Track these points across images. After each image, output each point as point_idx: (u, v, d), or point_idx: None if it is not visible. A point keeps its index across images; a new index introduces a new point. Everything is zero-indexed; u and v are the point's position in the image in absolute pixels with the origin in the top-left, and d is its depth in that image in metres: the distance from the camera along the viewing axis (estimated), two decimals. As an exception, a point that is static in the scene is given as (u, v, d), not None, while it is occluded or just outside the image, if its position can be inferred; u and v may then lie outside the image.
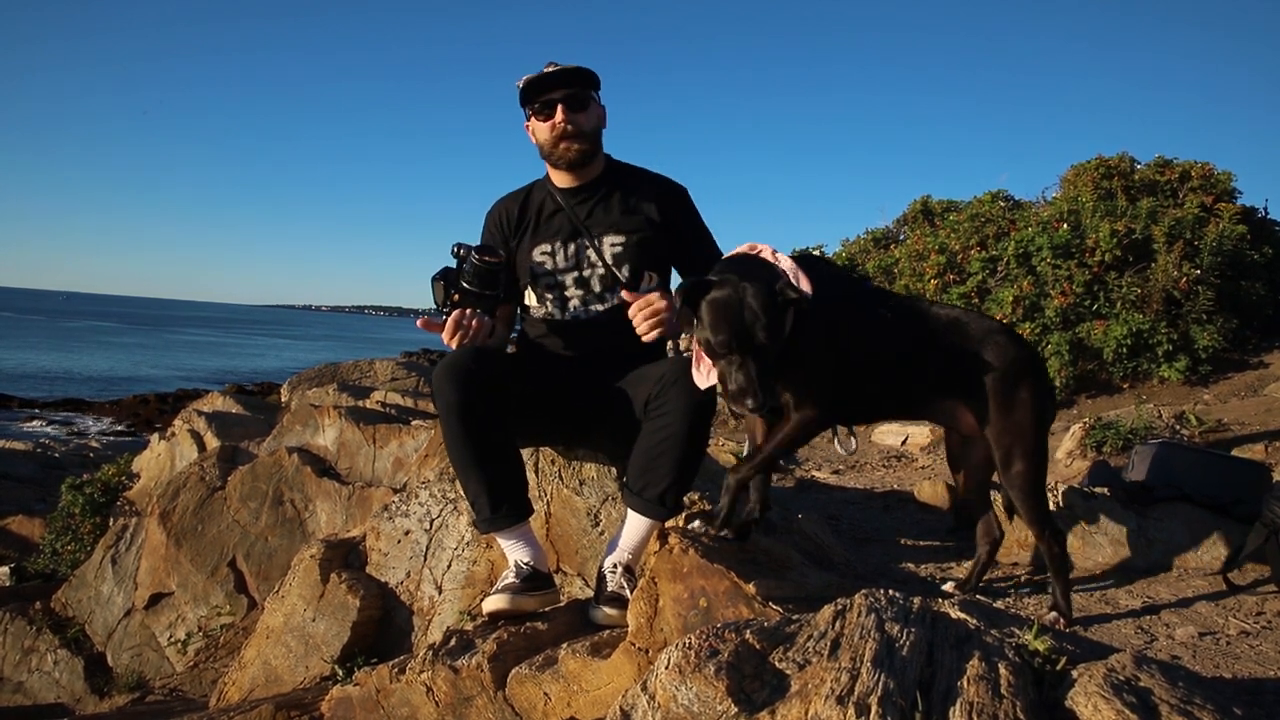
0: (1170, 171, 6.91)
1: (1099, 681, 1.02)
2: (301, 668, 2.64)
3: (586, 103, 2.09)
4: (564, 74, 2.06)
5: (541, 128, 2.10)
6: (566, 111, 2.06)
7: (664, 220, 2.14)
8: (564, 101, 2.06)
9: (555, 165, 2.14)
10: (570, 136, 2.07)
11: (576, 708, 1.64)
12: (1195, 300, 5.52)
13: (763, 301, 1.55)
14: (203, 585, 3.99)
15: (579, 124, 2.08)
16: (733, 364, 1.56)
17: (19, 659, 4.32)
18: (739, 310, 1.55)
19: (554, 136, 2.08)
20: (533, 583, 1.93)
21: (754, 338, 1.54)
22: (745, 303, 1.55)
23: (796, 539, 2.25)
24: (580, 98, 2.08)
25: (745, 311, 1.55)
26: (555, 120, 2.07)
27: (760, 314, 1.54)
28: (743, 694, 1.03)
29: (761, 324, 1.54)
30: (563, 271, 2.14)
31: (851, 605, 1.21)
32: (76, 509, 5.17)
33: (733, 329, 1.55)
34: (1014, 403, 1.81)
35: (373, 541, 2.79)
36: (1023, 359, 1.85)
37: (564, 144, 2.08)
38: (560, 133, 2.07)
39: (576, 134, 2.08)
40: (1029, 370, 1.85)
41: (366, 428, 4.18)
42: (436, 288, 2.02)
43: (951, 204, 8.76)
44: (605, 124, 2.18)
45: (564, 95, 2.06)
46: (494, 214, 2.23)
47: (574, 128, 2.07)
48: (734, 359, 1.56)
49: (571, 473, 2.34)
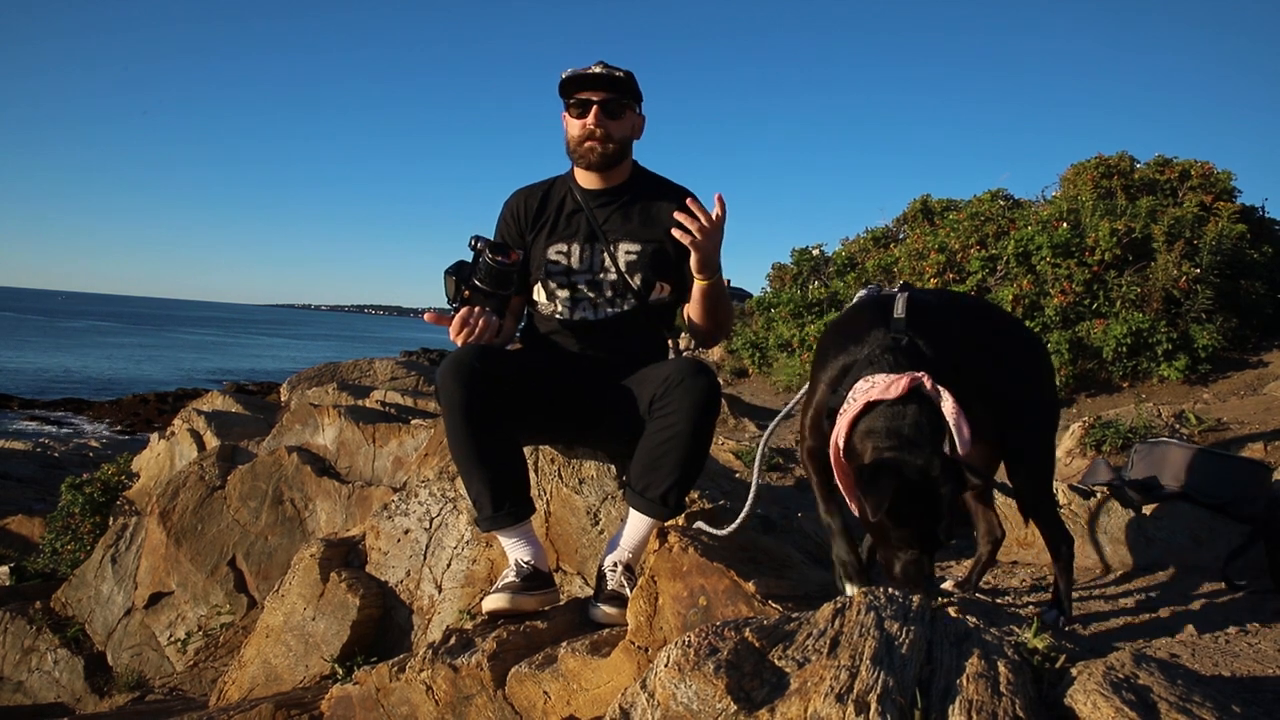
0: (1170, 170, 6.91)
1: (1098, 679, 1.03)
2: (301, 667, 2.64)
3: (622, 112, 2.10)
4: (607, 79, 2.06)
5: (573, 124, 2.10)
6: (599, 115, 2.07)
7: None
8: (600, 105, 2.06)
9: (576, 163, 2.15)
10: (596, 139, 2.08)
11: (576, 706, 1.64)
12: (1195, 299, 5.52)
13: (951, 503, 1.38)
14: (202, 584, 3.99)
15: (609, 130, 2.08)
16: (906, 555, 1.41)
17: (19, 658, 4.32)
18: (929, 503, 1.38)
19: (580, 135, 2.09)
20: (533, 582, 1.93)
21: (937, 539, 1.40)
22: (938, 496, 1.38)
23: (796, 538, 2.25)
24: (617, 105, 2.08)
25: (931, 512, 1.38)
26: (586, 122, 2.07)
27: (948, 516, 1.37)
28: (742, 692, 1.03)
29: (946, 525, 1.38)
30: (575, 273, 2.14)
31: (851, 603, 1.21)
32: (76, 508, 5.17)
33: (920, 527, 1.38)
34: (1030, 400, 1.83)
35: (372, 540, 2.79)
36: (1045, 355, 1.88)
37: (588, 144, 2.08)
38: (587, 133, 2.07)
39: (604, 139, 2.08)
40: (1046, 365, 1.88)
41: (366, 427, 4.18)
42: (449, 282, 2.02)
43: (951, 203, 8.76)
44: (639, 135, 2.18)
45: (601, 99, 2.06)
46: (511, 204, 2.22)
47: (602, 131, 2.07)
48: (911, 553, 1.41)
49: (571, 471, 2.35)
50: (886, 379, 1.48)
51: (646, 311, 2.16)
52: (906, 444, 1.42)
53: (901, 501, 1.36)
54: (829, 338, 1.77)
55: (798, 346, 8.05)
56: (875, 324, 1.62)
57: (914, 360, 1.53)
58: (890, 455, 1.42)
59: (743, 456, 4.54)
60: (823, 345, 1.76)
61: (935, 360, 1.55)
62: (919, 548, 1.40)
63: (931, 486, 1.38)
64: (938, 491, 1.37)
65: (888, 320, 1.62)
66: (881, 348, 1.57)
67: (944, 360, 1.57)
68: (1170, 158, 7.07)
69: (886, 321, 1.62)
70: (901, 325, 1.60)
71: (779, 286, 9.99)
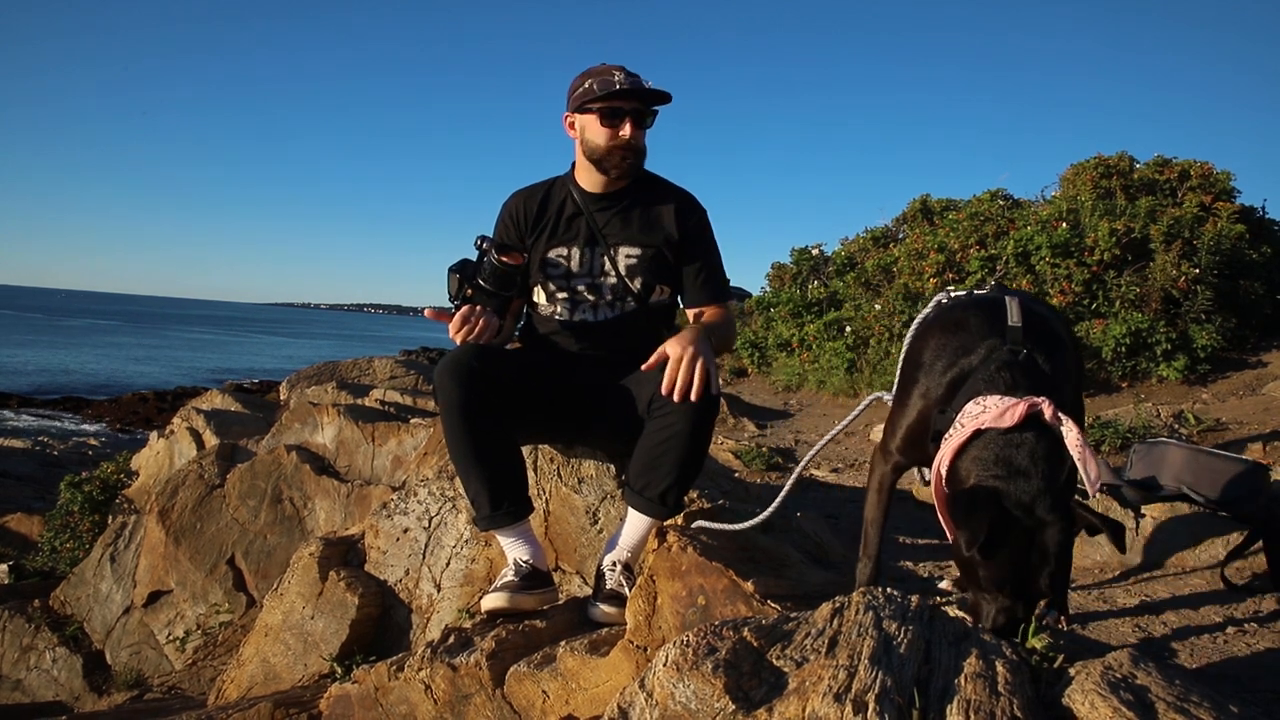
0: (1169, 170, 6.91)
1: (1096, 679, 1.03)
2: (300, 665, 2.64)
3: (650, 122, 2.09)
4: (646, 92, 2.03)
5: (601, 131, 2.04)
6: (634, 129, 2.04)
7: (680, 235, 2.14)
8: (633, 116, 2.04)
9: (600, 171, 2.09)
10: (631, 151, 2.05)
11: (575, 705, 1.64)
12: (1194, 299, 5.52)
13: (1059, 547, 1.23)
14: (201, 583, 3.99)
15: (639, 141, 2.07)
16: (998, 602, 1.25)
17: (18, 657, 4.32)
18: (1032, 543, 1.23)
19: (613, 146, 2.04)
20: (532, 581, 1.93)
21: (1036, 588, 1.24)
22: (1040, 543, 1.22)
23: (795, 537, 2.25)
24: (649, 118, 2.08)
25: (1035, 554, 1.22)
26: (622, 133, 2.03)
27: (1053, 562, 1.22)
28: (740, 691, 1.03)
29: (1049, 572, 1.22)
30: (575, 276, 2.13)
31: (849, 603, 1.21)
32: (75, 507, 5.17)
33: (1018, 571, 1.23)
34: (1079, 402, 1.75)
35: (371, 539, 2.79)
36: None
37: (621, 155, 2.05)
38: (622, 145, 2.04)
39: (636, 150, 2.06)
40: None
41: (365, 426, 4.18)
42: (452, 279, 2.01)
43: (951, 203, 8.76)
44: None
45: (636, 110, 2.04)
46: (510, 207, 2.20)
47: (636, 143, 2.06)
48: (1003, 600, 1.25)
49: (570, 471, 2.35)
50: (1000, 404, 1.32)
51: (646, 313, 2.16)
52: (1015, 473, 1.27)
53: (997, 536, 1.21)
54: (930, 341, 1.56)
55: (797, 346, 8.05)
56: (987, 332, 1.45)
57: (1031, 379, 1.38)
58: (993, 483, 1.27)
59: (742, 456, 4.54)
60: (920, 349, 1.58)
61: (1053, 379, 1.40)
62: (1013, 595, 1.24)
63: (1036, 524, 1.23)
64: (1043, 530, 1.23)
65: (1002, 329, 1.45)
66: (997, 363, 1.40)
67: (1061, 378, 1.43)
68: (1170, 158, 7.08)
69: (1001, 331, 1.45)
70: (1019, 335, 1.44)
71: (778, 286, 9.99)
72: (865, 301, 7.67)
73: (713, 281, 2.16)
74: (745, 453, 4.57)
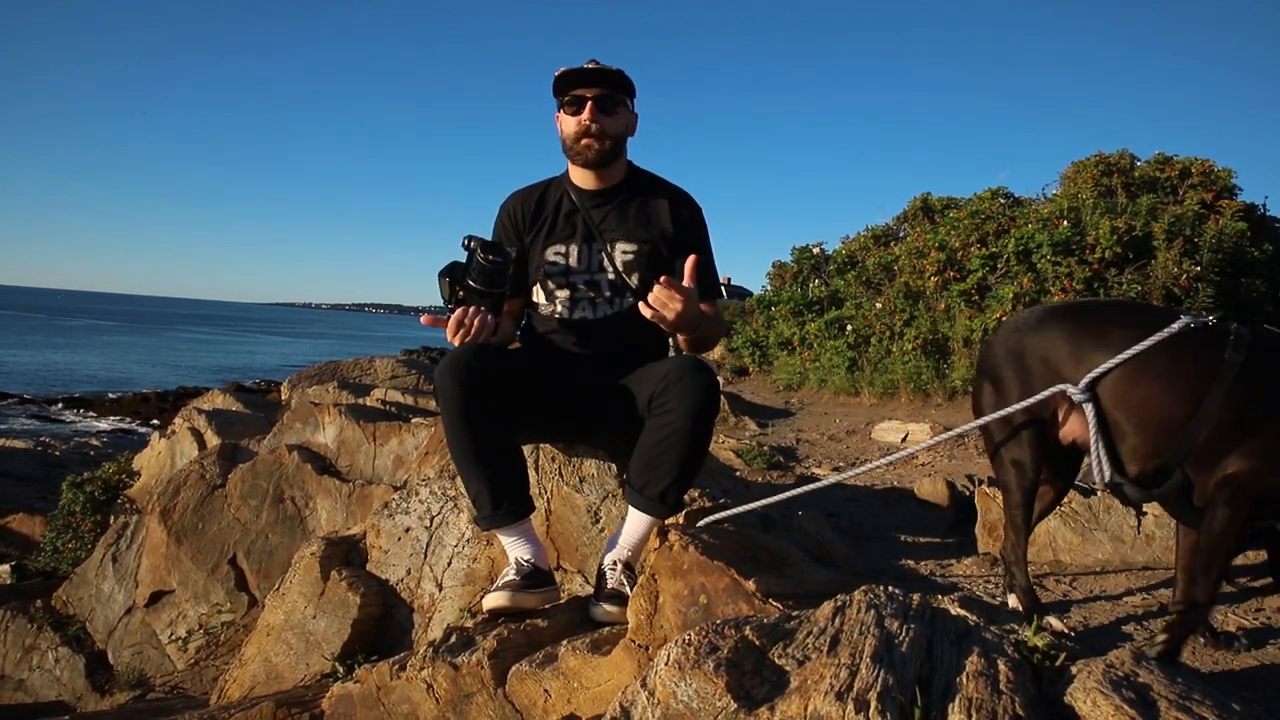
0: (1170, 168, 6.91)
1: (1098, 677, 1.03)
2: (302, 665, 2.64)
3: (616, 107, 2.09)
4: (600, 74, 2.06)
5: (568, 121, 2.09)
6: (594, 111, 2.06)
7: (675, 230, 2.15)
8: (594, 100, 2.06)
9: (573, 161, 2.14)
10: (593, 135, 2.07)
11: (576, 704, 1.64)
12: (1195, 297, 5.52)
13: None
14: (203, 583, 4.00)
15: (604, 126, 2.08)
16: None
17: (20, 657, 4.33)
18: None
19: (577, 133, 2.08)
20: (533, 580, 1.93)
21: None
22: None
23: (796, 536, 2.25)
24: (611, 100, 2.08)
25: None
26: (582, 117, 2.07)
27: None
28: (742, 690, 1.03)
29: None
30: (574, 273, 2.14)
31: (851, 602, 1.21)
32: (77, 507, 5.17)
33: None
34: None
35: (373, 539, 2.79)
36: None
37: (585, 141, 2.08)
38: (584, 130, 2.07)
39: (599, 134, 2.07)
40: None
41: (367, 425, 4.18)
42: (443, 284, 2.02)
43: (951, 201, 8.75)
44: (633, 132, 2.17)
45: (595, 95, 2.06)
46: (507, 208, 2.22)
47: (598, 128, 2.07)
48: None
49: (572, 470, 2.35)
50: None
51: None
52: None
53: None
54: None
55: (798, 345, 8.05)
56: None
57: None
58: None
59: (743, 455, 4.54)
60: None
61: None
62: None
63: None
64: None
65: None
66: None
67: None
68: (1171, 155, 7.07)
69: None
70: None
71: (779, 285, 9.99)
72: (866, 300, 7.67)
73: (704, 278, 2.17)
74: (746, 451, 4.57)
